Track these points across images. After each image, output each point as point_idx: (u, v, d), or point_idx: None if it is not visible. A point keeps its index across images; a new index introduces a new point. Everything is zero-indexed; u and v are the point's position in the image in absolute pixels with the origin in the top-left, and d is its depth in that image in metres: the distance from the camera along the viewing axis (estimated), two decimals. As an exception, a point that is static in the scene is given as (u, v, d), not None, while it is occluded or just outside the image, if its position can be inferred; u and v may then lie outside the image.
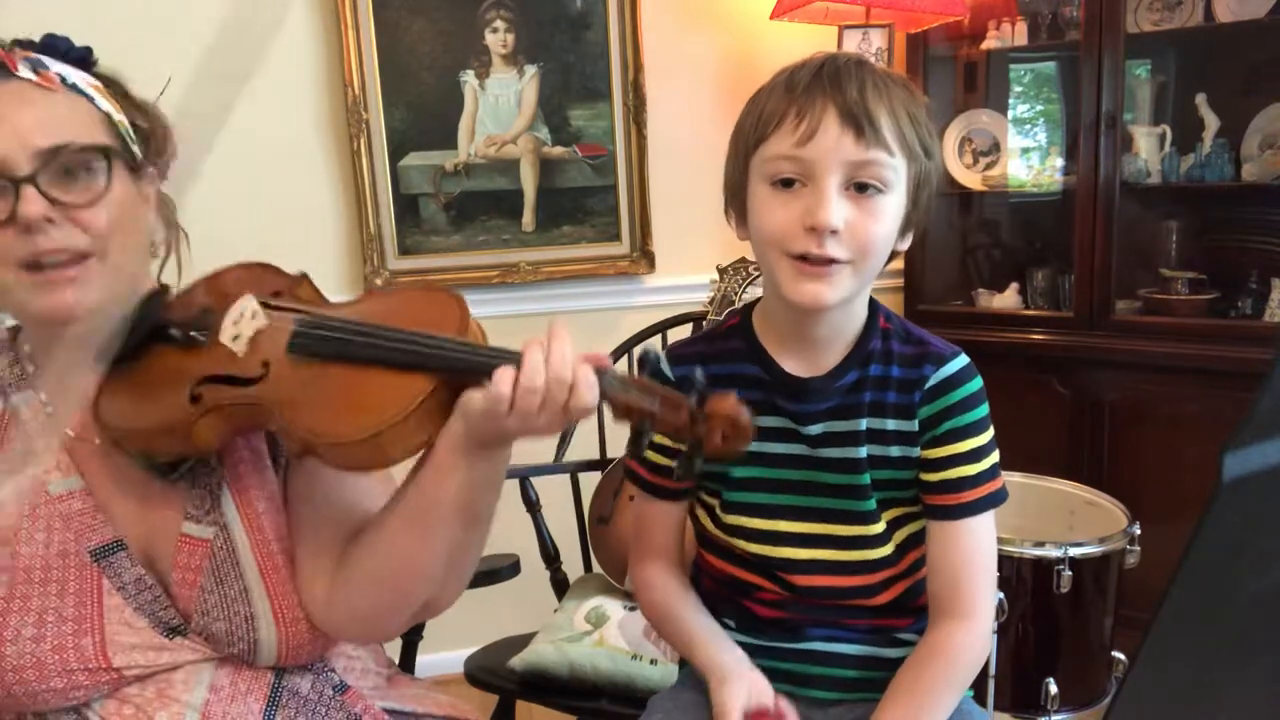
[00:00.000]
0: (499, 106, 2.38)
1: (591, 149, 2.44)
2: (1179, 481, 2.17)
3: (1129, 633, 1.75)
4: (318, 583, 0.97)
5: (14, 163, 0.87)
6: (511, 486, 0.92)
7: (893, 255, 0.98)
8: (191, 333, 0.96)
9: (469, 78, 2.34)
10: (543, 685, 1.54)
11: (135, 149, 0.97)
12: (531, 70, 2.37)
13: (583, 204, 2.47)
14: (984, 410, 0.99)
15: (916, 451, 0.99)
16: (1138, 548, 1.67)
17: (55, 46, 0.96)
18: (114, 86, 0.98)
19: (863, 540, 1.01)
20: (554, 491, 1.84)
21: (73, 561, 0.92)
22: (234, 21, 2.21)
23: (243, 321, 0.95)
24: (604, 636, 1.57)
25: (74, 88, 0.93)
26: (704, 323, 1.85)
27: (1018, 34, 2.51)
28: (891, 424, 0.99)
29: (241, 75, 2.18)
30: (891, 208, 0.92)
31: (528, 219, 2.45)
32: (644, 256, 2.51)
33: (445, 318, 0.91)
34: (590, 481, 1.87)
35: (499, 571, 1.51)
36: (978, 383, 0.99)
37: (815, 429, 0.99)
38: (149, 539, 0.96)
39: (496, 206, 2.43)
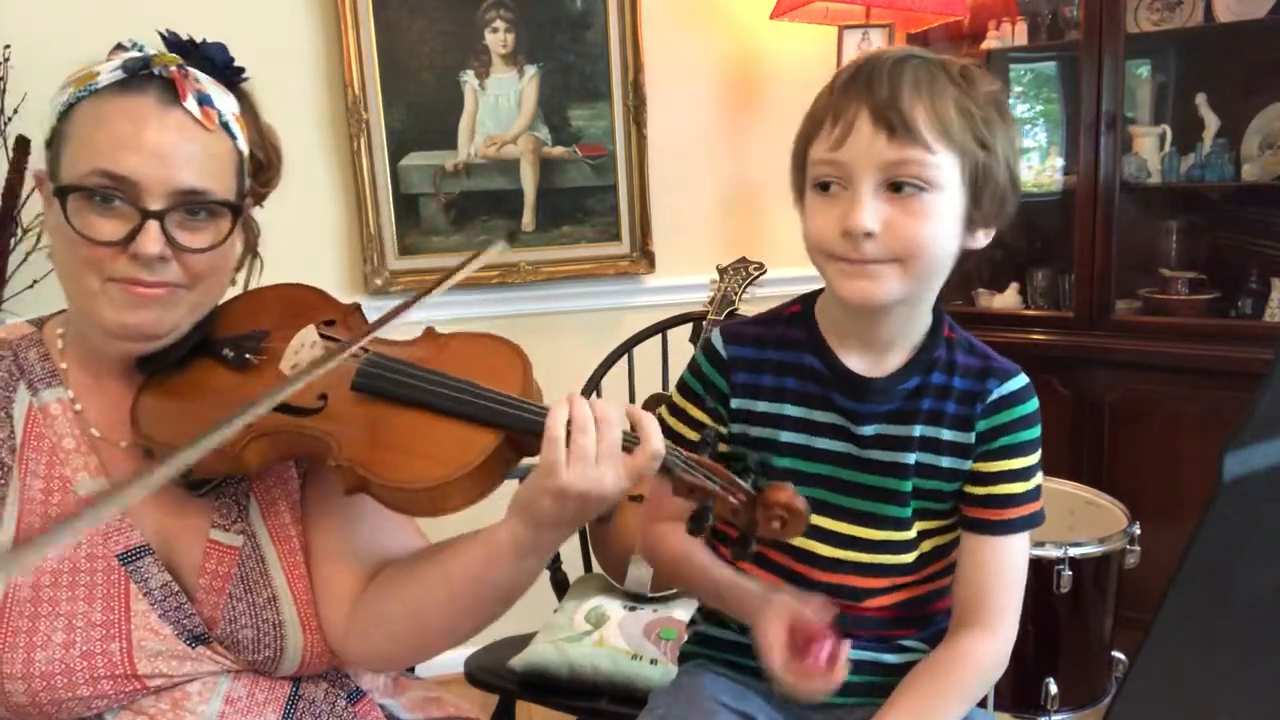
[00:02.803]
0: (499, 106, 2.38)
1: (591, 149, 2.44)
2: (1179, 481, 2.17)
3: (1129, 633, 1.75)
4: (336, 607, 0.96)
5: (149, 193, 0.87)
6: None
7: (969, 255, 0.95)
8: (246, 354, 0.96)
9: (469, 78, 2.35)
10: (543, 685, 1.54)
11: (249, 182, 0.98)
12: (531, 70, 2.37)
13: (583, 204, 2.47)
14: (1038, 431, 0.99)
15: (968, 465, 0.98)
16: (1138, 548, 1.67)
17: (211, 58, 0.97)
18: (249, 111, 0.99)
19: (890, 545, 0.99)
20: (554, 491, 1.84)
21: (100, 565, 0.91)
22: (234, 21, 2.22)
23: (303, 352, 0.95)
24: (604, 636, 1.57)
25: (225, 127, 0.94)
26: (704, 323, 1.86)
27: (1018, 34, 2.51)
28: (947, 434, 0.98)
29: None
30: (939, 206, 0.89)
31: (528, 219, 2.45)
32: (644, 256, 2.51)
33: (509, 372, 0.91)
34: (590, 481, 1.87)
35: (499, 571, 1.51)
36: (1035, 404, 0.99)
37: (869, 430, 0.98)
38: (172, 545, 0.95)
39: (496, 206, 2.43)
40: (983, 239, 0.95)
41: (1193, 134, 2.40)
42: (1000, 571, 0.99)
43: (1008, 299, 2.60)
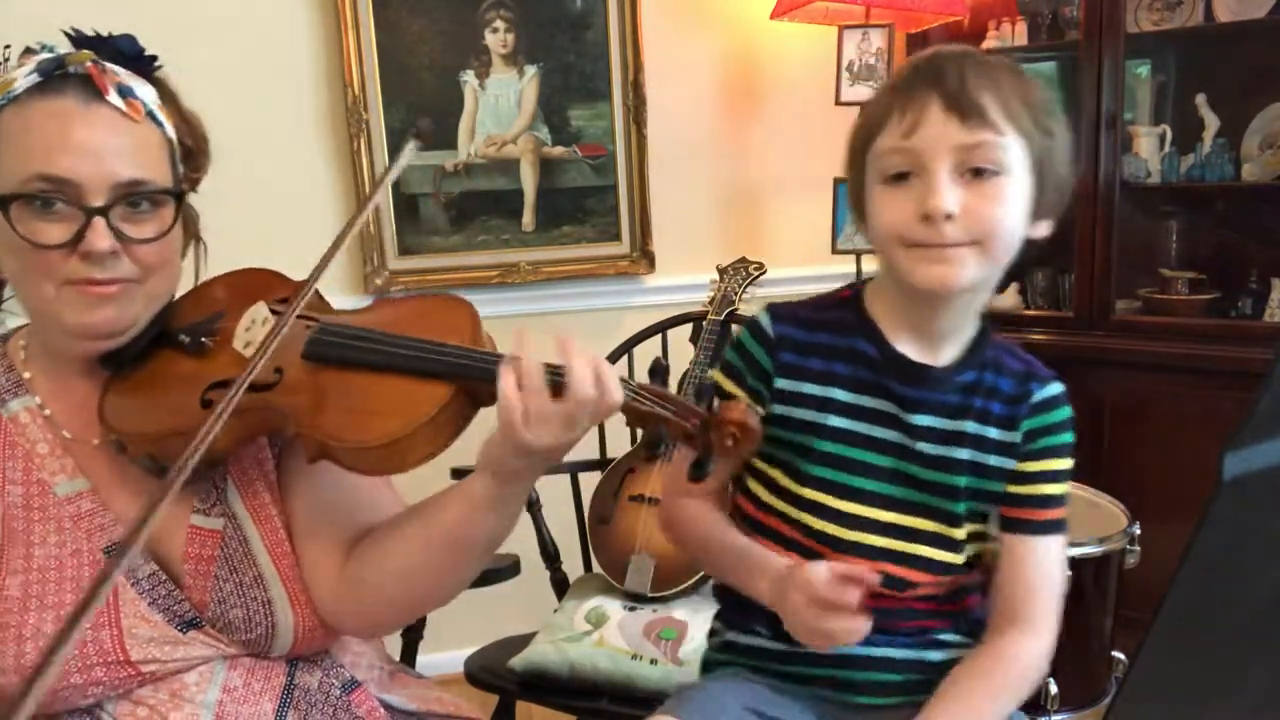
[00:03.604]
0: (499, 106, 2.38)
1: (591, 149, 2.44)
2: (1179, 481, 2.16)
3: (1129, 633, 1.75)
4: (322, 578, 0.98)
5: (90, 191, 0.88)
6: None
7: (1032, 244, 0.97)
8: (202, 339, 0.98)
9: (469, 78, 2.35)
10: (543, 685, 1.54)
11: (181, 169, 0.98)
12: (531, 70, 2.37)
13: (583, 204, 2.47)
14: (1072, 438, 1.01)
15: (1013, 464, 0.99)
16: (1138, 548, 1.66)
17: (122, 50, 0.96)
18: (168, 98, 0.99)
19: (942, 540, 0.99)
20: (554, 491, 1.84)
21: (86, 559, 0.93)
22: (234, 21, 2.21)
23: (254, 328, 0.97)
24: (604, 636, 1.57)
25: (151, 116, 0.94)
26: (704, 323, 1.85)
27: (1018, 34, 2.51)
28: (994, 433, 0.99)
29: (241, 74, 2.18)
30: (1011, 190, 0.91)
31: (528, 219, 2.45)
32: (644, 256, 2.51)
33: (458, 325, 0.93)
34: (590, 481, 1.87)
35: (499, 571, 1.51)
36: (1070, 411, 1.01)
37: (921, 420, 0.98)
38: (155, 536, 0.96)
39: (496, 206, 2.43)
40: (1044, 229, 0.97)
41: (1193, 134, 2.40)
42: (1043, 572, 1.00)
43: (1008, 299, 2.59)
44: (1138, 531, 1.67)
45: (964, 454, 0.98)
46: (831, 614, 0.88)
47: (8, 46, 1.87)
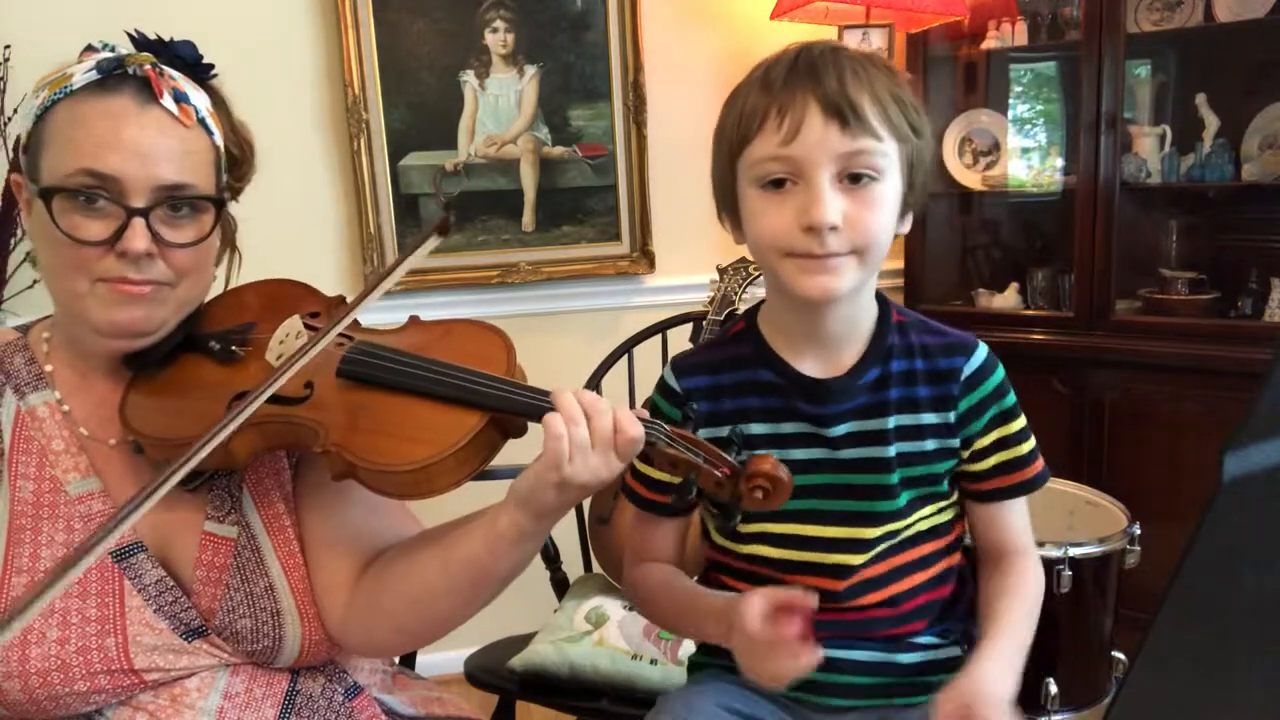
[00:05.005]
0: (499, 106, 2.38)
1: (591, 149, 2.44)
2: (1179, 481, 2.17)
3: (1129, 633, 1.75)
4: (333, 597, 0.97)
5: (133, 190, 0.89)
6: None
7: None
8: (233, 347, 0.97)
9: (469, 78, 2.35)
10: (543, 685, 1.54)
11: (225, 177, 0.99)
12: (531, 70, 2.37)
13: (583, 204, 2.47)
14: (1013, 397, 1.00)
15: (955, 443, 0.98)
16: (1138, 548, 1.67)
17: (181, 56, 0.97)
18: (221, 106, 1.00)
19: (890, 538, 0.98)
20: (554, 491, 1.84)
21: (94, 563, 0.91)
22: (235, 22, 2.22)
23: (288, 341, 0.96)
24: (604, 636, 1.57)
25: (202, 123, 0.95)
26: (704, 323, 1.85)
27: (1018, 34, 2.51)
28: (927, 418, 0.97)
29: (241, 74, 2.18)
30: (888, 194, 0.90)
31: (528, 219, 2.45)
32: (644, 256, 2.51)
33: (492, 356, 0.92)
34: (590, 481, 1.87)
35: (499, 571, 1.51)
36: (1001, 370, 1.00)
37: (839, 430, 0.97)
38: (166, 541, 0.96)
39: (496, 206, 2.43)
40: (907, 225, 0.96)
41: (1193, 134, 2.40)
42: (1018, 516, 1.02)
43: (1008, 299, 2.59)
44: (1138, 531, 1.67)
45: (891, 450, 0.96)
46: (775, 653, 0.86)
47: (8, 47, 1.87)
